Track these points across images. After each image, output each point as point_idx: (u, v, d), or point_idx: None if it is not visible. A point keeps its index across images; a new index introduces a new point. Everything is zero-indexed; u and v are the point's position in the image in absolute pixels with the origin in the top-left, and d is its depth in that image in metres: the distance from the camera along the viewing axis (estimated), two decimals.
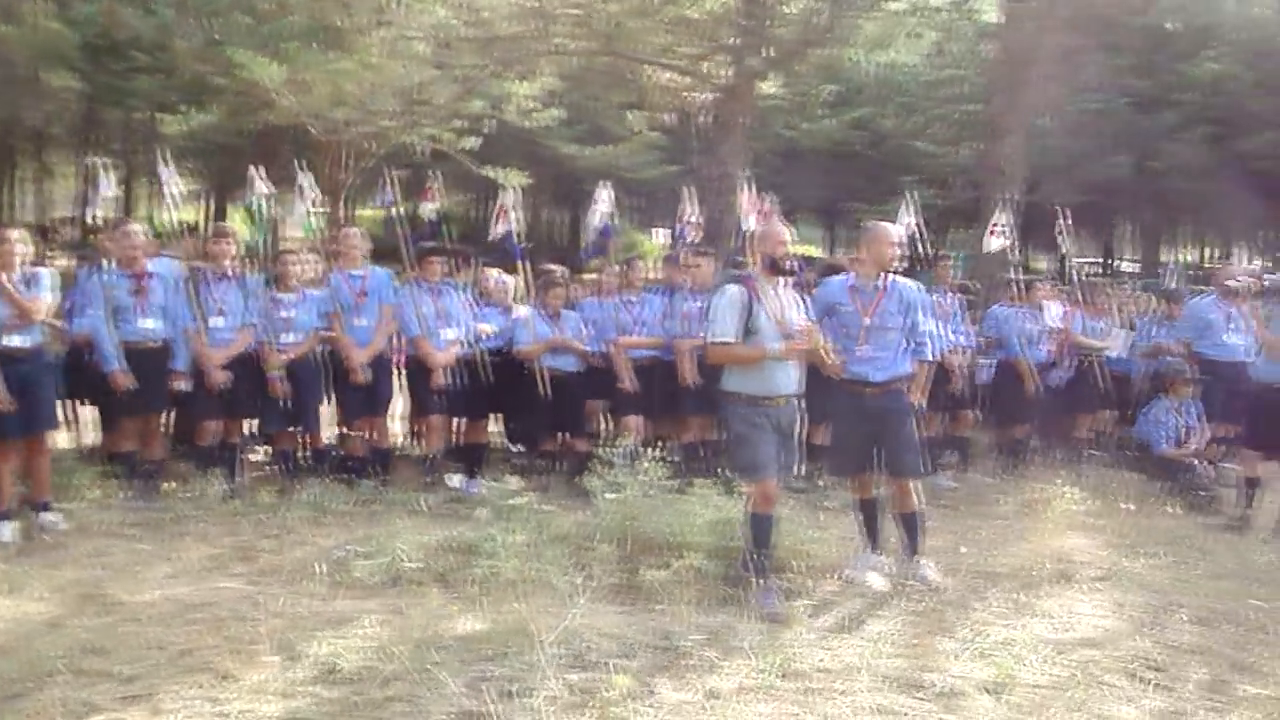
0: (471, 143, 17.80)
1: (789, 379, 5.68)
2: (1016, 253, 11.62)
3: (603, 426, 9.25)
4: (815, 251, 32.86)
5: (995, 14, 19.57)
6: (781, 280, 5.74)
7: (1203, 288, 12.17)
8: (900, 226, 9.27)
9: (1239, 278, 9.71)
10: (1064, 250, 11.19)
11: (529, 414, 8.76)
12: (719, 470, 7.67)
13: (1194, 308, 9.92)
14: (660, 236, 29.90)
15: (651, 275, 11.06)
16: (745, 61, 14.78)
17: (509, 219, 9.46)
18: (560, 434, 8.87)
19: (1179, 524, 7.66)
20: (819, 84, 27.30)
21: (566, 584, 5.41)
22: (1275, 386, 7.71)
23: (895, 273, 6.14)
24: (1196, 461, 9.03)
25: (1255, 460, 7.94)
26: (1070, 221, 10.72)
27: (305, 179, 9.48)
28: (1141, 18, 28.14)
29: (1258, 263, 30.39)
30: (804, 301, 5.96)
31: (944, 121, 30.28)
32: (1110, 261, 39.13)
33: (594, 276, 10.60)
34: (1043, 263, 34.14)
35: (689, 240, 10.12)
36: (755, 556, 5.49)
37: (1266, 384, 7.82)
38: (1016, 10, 15.93)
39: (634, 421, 8.61)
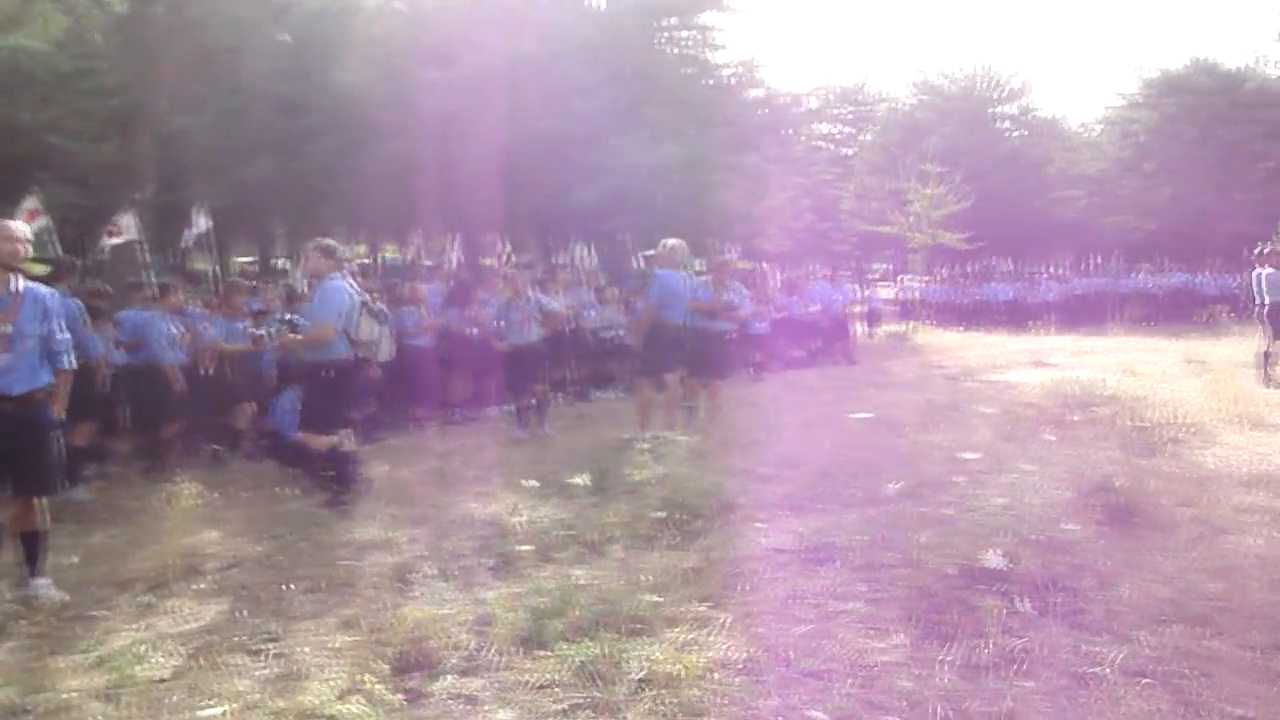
0: None
1: None
2: (147, 254, 11.43)
3: None
4: None
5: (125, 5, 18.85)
6: None
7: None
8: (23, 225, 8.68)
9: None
10: (186, 245, 11.28)
11: None
12: None
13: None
14: None
15: None
16: None
17: None
18: None
19: (302, 504, 8.04)
20: None
21: None
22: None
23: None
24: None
25: (315, 437, 8.04)
26: (210, 222, 10.81)
27: None
28: (271, 28, 29.14)
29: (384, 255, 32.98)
30: None
31: (85, 117, 28.66)
32: (270, 260, 40.22)
33: None
34: (201, 264, 34.01)
35: None
36: None
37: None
38: (141, 8, 15.59)
39: None
